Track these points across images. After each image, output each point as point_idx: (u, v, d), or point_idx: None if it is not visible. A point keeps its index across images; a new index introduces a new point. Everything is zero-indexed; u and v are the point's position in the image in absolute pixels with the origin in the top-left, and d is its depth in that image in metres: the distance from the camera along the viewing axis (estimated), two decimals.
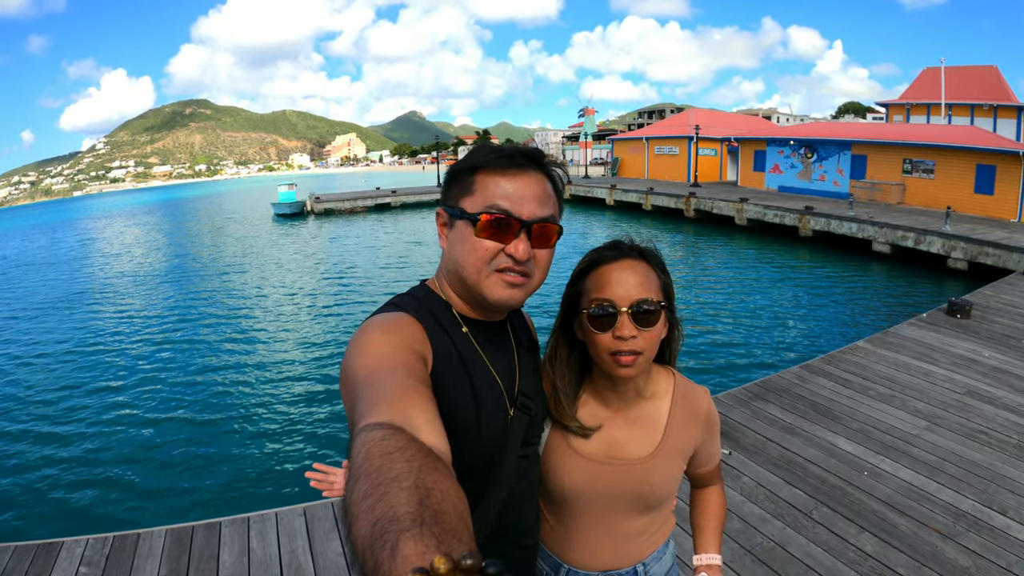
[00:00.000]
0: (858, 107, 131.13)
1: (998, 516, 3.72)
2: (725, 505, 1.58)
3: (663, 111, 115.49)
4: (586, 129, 53.34)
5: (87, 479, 6.90)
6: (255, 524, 3.89)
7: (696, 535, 1.55)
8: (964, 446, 4.65)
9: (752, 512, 3.82)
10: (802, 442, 4.77)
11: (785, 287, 15.28)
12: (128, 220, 59.04)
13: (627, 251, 1.31)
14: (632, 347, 1.24)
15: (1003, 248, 14.64)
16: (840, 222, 19.32)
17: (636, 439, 1.38)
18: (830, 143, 27.16)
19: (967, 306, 8.36)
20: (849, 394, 5.70)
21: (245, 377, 9.99)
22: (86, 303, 17.57)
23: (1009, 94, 34.64)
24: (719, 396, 5.68)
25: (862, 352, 6.90)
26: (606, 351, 1.26)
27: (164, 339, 12.68)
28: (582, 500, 1.39)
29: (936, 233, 16.34)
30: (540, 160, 1.20)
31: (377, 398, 0.84)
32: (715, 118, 43.40)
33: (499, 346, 1.25)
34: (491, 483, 1.17)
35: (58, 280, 23.15)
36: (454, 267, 1.18)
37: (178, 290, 18.10)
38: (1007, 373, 6.26)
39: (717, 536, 1.54)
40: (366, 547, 0.54)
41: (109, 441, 7.88)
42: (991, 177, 21.18)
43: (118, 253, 29.97)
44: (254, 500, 6.13)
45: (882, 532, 3.55)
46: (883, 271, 16.71)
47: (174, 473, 6.92)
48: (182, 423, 8.30)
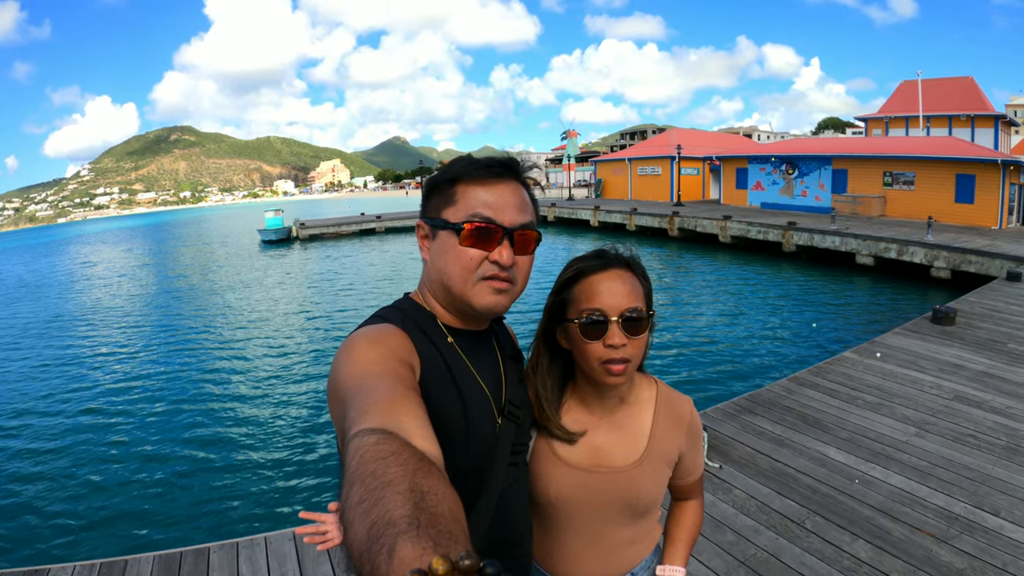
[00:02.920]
0: (837, 122, 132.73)
1: (991, 517, 3.73)
2: (700, 521, 1.57)
3: (645, 132, 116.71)
4: (569, 151, 53.40)
5: (74, 505, 6.77)
6: (244, 549, 3.81)
7: (666, 544, 1.54)
8: (954, 450, 4.67)
9: (745, 524, 3.80)
10: (792, 453, 4.76)
11: (770, 302, 15.32)
12: (114, 246, 58.58)
13: (613, 260, 1.32)
14: (623, 355, 1.25)
15: (985, 255, 14.83)
16: (823, 236, 19.49)
17: (621, 446, 1.38)
18: (811, 159, 27.50)
19: (951, 313, 8.43)
20: (838, 404, 5.70)
21: (233, 402, 9.86)
22: (72, 327, 17.36)
23: (986, 104, 35.32)
24: (708, 411, 5.65)
25: (849, 363, 6.92)
26: (597, 360, 1.27)
27: (153, 364, 12.51)
28: (568, 508, 1.38)
29: (918, 243, 16.52)
30: (516, 169, 1.22)
31: (368, 405, 0.84)
32: (696, 137, 43.83)
33: (484, 356, 1.26)
34: (482, 491, 1.16)
35: (45, 303, 22.91)
36: (439, 277, 1.18)
37: (165, 315, 17.93)
38: (993, 377, 6.31)
39: (687, 549, 1.53)
40: (363, 551, 0.54)
41: (96, 466, 7.74)
42: (971, 186, 21.52)
43: (105, 278, 29.63)
44: (243, 525, 6.04)
45: (876, 539, 3.54)
46: (867, 283, 16.82)
47: (162, 498, 6.80)
48: (169, 448, 8.16)
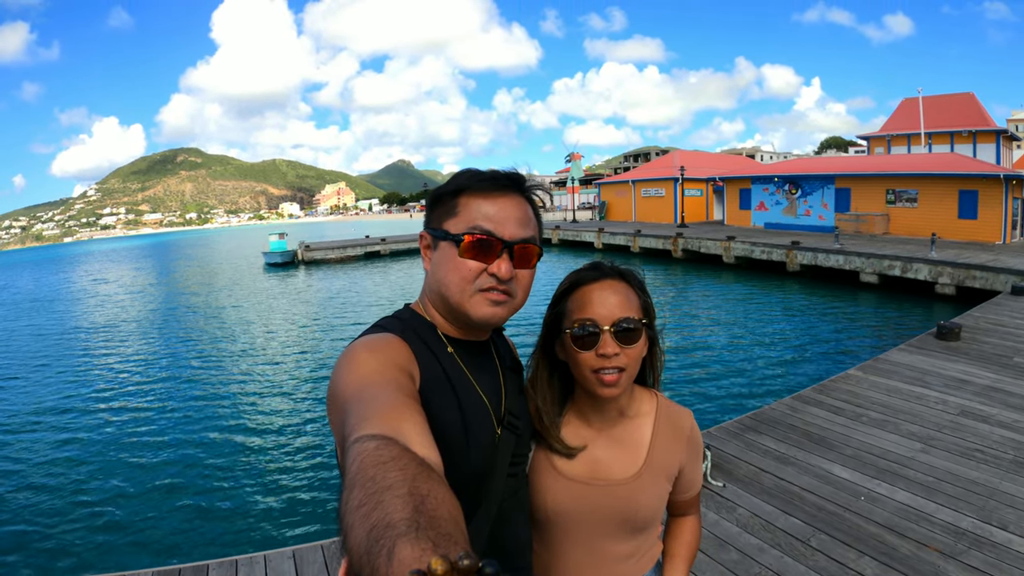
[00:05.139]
0: (840, 141, 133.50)
1: (999, 532, 3.66)
2: (699, 537, 1.57)
3: (648, 154, 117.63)
4: (573, 174, 53.71)
5: (72, 519, 6.73)
6: (243, 567, 3.79)
7: (666, 561, 1.52)
8: (961, 465, 4.61)
9: (749, 543, 3.74)
10: (797, 471, 4.70)
11: (774, 321, 15.26)
12: (119, 264, 59.35)
13: (607, 272, 1.33)
14: (615, 364, 1.26)
15: (990, 270, 14.78)
16: (827, 255, 19.48)
17: (620, 460, 1.37)
18: (814, 178, 27.60)
19: (956, 329, 8.38)
20: (842, 422, 5.64)
21: (235, 420, 9.84)
22: (76, 343, 17.49)
23: (987, 119, 35.44)
24: (711, 430, 5.61)
25: (854, 380, 6.86)
26: (589, 369, 1.27)
27: (155, 381, 12.53)
28: (566, 522, 1.36)
29: (922, 260, 16.50)
30: (521, 183, 1.23)
31: (368, 412, 0.84)
32: (699, 159, 44.06)
33: (484, 366, 1.26)
34: (481, 501, 1.16)
35: (50, 319, 23.07)
36: (438, 287, 1.19)
37: (166, 337, 17.88)
38: (999, 391, 6.25)
39: (687, 565, 1.51)
40: (362, 554, 0.55)
41: (94, 481, 7.73)
42: (974, 202, 21.53)
43: (111, 297, 29.82)
44: (242, 542, 6.03)
45: (882, 555, 3.48)
46: (872, 300, 16.78)
47: (161, 514, 6.76)
48: (170, 464, 8.14)
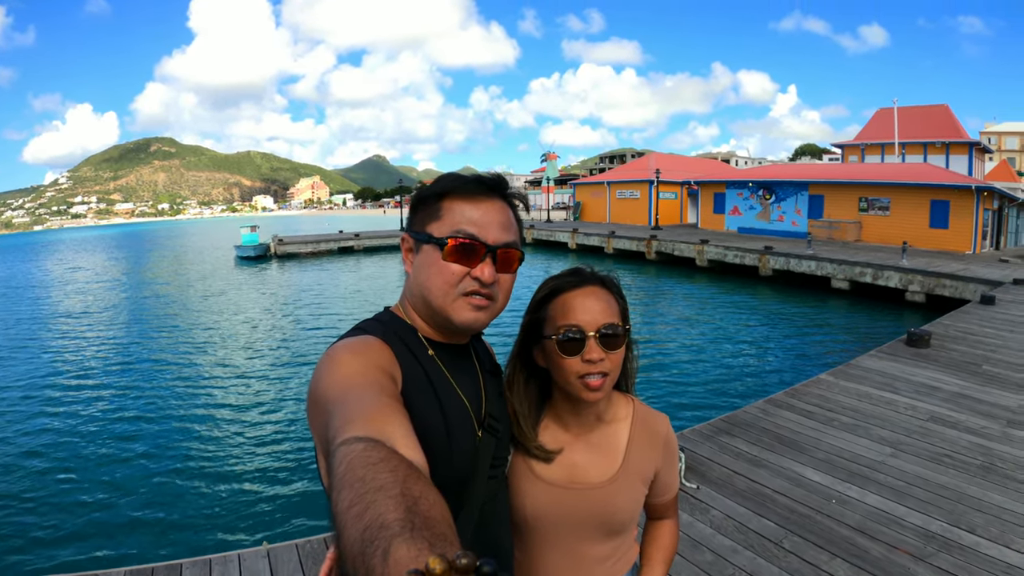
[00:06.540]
0: (814, 149, 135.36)
1: (967, 535, 3.72)
2: (676, 541, 1.58)
3: (624, 156, 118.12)
4: (548, 174, 53.82)
5: (43, 518, 6.55)
6: (217, 566, 3.71)
7: (643, 564, 1.54)
8: (930, 470, 4.67)
9: (722, 544, 3.75)
10: (769, 474, 4.73)
11: (747, 325, 15.42)
12: (91, 254, 58.06)
13: (588, 278, 1.36)
14: (600, 369, 1.28)
15: (959, 279, 15.11)
16: (799, 260, 19.76)
17: (597, 464, 1.39)
18: (788, 184, 27.97)
19: (926, 336, 8.52)
20: (814, 425, 5.70)
21: (207, 415, 9.69)
22: (44, 336, 17.07)
23: (960, 131, 36.28)
24: (685, 432, 5.62)
25: (825, 384, 6.93)
26: (575, 375, 1.29)
27: (125, 376, 12.28)
28: (544, 525, 1.37)
29: (893, 268, 16.80)
30: (503, 188, 1.24)
31: (352, 414, 0.83)
32: (675, 162, 44.47)
33: (464, 369, 1.26)
34: (463, 505, 1.15)
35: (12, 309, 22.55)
36: (420, 291, 1.19)
37: (136, 331, 17.51)
38: (968, 398, 6.36)
39: (664, 568, 1.53)
40: (356, 555, 0.55)
41: (65, 477, 7.54)
42: (945, 212, 22.00)
43: (80, 288, 29.15)
44: (216, 541, 5.94)
45: (853, 557, 3.51)
46: (843, 306, 17.05)
47: (134, 512, 6.61)
48: (142, 462, 7.95)
